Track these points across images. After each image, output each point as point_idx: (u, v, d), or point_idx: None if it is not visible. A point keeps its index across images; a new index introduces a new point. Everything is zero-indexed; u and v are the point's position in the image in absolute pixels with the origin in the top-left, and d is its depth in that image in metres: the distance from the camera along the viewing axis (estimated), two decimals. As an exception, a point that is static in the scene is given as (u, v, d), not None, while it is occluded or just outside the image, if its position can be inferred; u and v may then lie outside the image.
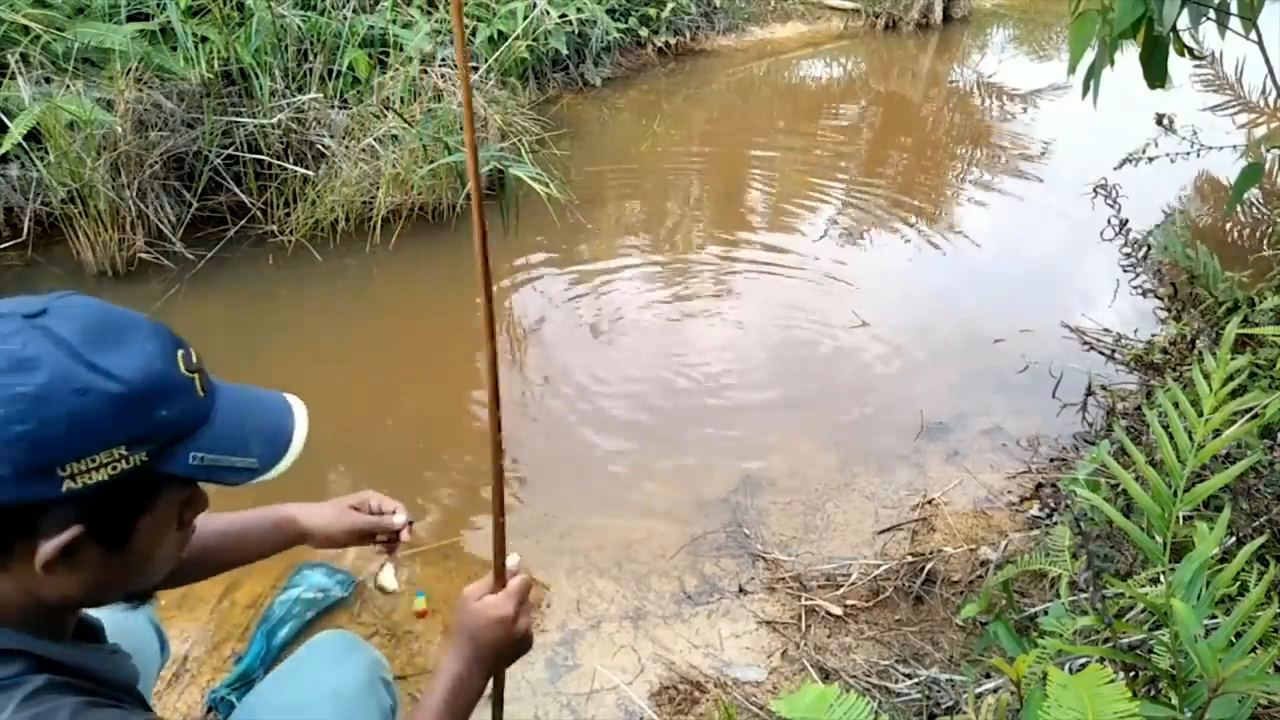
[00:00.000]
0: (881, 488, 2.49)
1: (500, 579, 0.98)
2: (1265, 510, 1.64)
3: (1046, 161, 5.10)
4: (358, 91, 3.90)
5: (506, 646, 0.98)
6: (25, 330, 0.65)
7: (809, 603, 2.07)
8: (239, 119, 3.55)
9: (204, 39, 3.58)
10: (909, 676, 1.83)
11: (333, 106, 3.77)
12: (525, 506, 2.37)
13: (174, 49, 3.57)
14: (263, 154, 3.56)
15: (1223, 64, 3.01)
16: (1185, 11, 1.56)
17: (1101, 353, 3.12)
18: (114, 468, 0.66)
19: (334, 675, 1.14)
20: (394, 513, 1.24)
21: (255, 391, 0.81)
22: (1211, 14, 1.69)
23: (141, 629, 1.22)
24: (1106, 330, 3.23)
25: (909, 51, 7.68)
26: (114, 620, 0.89)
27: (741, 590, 2.12)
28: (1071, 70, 1.65)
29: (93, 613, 0.85)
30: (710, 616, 2.05)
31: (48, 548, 0.67)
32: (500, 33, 4.77)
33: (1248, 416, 1.58)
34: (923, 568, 2.14)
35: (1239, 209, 4.04)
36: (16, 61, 3.18)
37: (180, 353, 0.72)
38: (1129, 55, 1.65)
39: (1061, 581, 1.46)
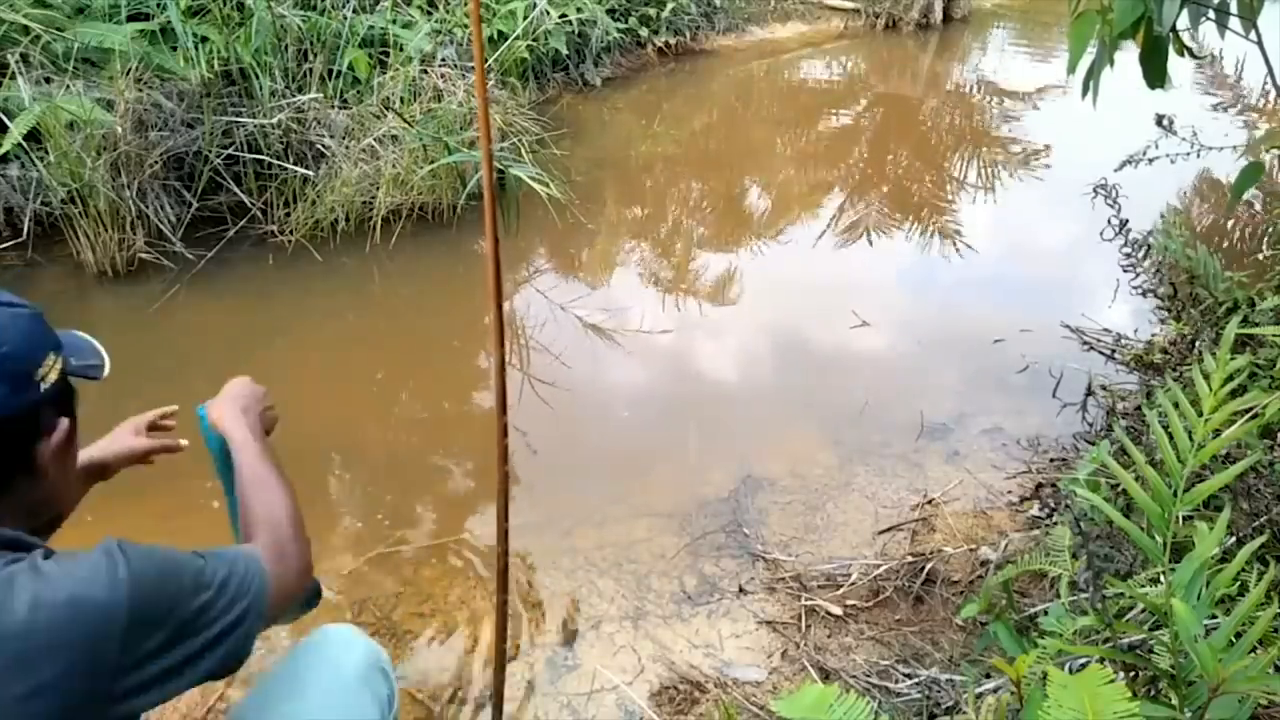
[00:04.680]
0: (881, 488, 2.49)
1: (502, 583, 0.98)
2: (1265, 510, 1.64)
3: (1046, 161, 5.10)
4: (358, 91, 3.90)
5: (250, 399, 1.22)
6: None
7: (809, 603, 2.07)
8: (239, 119, 3.55)
9: (204, 39, 3.58)
10: (909, 676, 1.83)
11: (333, 106, 3.77)
12: (525, 507, 2.36)
13: (174, 49, 3.57)
14: (263, 154, 3.56)
15: (1223, 64, 3.01)
16: (1185, 11, 1.56)
17: (1101, 353, 3.12)
18: (58, 370, 0.86)
19: (332, 665, 1.15)
20: (166, 416, 1.31)
21: None
22: (1211, 14, 1.69)
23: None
24: (1106, 330, 3.23)
25: (909, 51, 7.68)
26: None
27: (741, 590, 2.12)
28: (1071, 70, 1.65)
29: None
30: (710, 616, 2.05)
31: (54, 438, 0.85)
32: (500, 33, 4.77)
33: (1248, 416, 1.58)
34: (923, 568, 2.14)
35: (1239, 209, 4.04)
36: (16, 61, 3.18)
37: None
38: (1129, 55, 1.65)
39: (1061, 581, 1.46)
